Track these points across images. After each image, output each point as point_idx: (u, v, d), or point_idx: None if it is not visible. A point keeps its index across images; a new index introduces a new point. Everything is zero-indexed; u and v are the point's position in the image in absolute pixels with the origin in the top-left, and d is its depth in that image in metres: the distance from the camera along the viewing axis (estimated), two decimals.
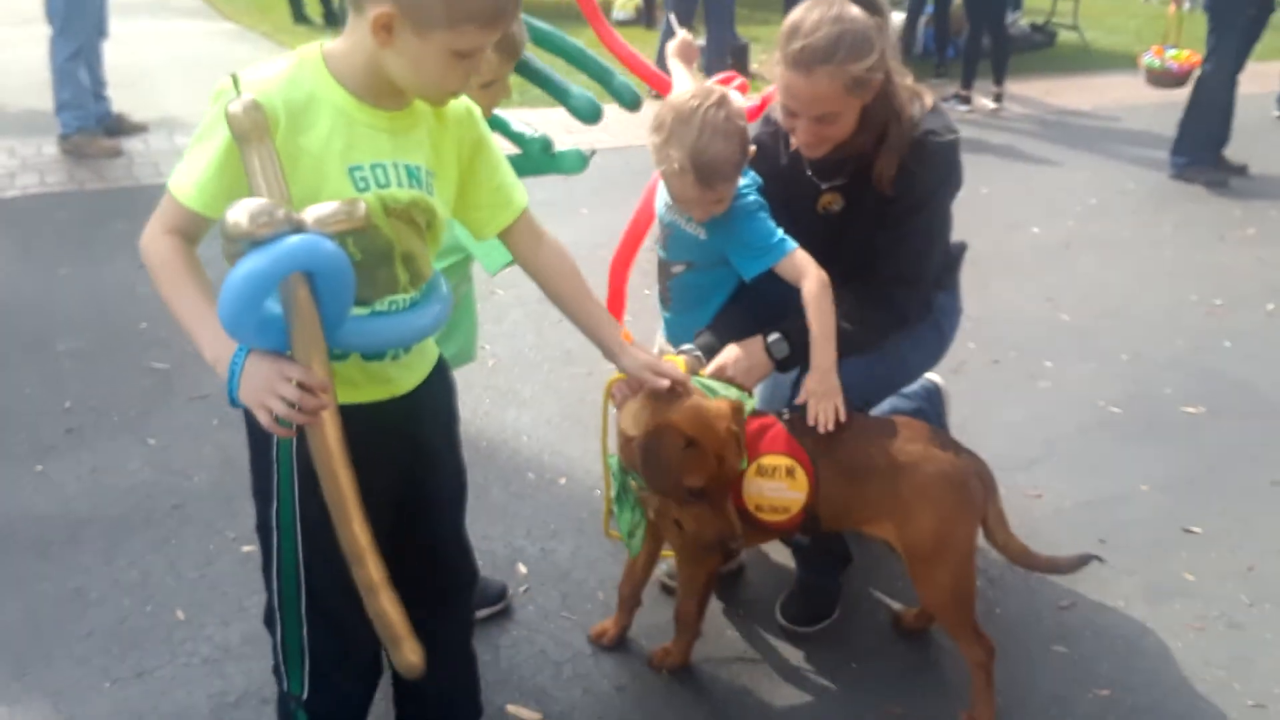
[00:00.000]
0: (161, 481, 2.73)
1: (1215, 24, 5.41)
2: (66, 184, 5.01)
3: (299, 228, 1.23)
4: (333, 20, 9.70)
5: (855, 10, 1.98)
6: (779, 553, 2.49)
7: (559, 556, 2.49)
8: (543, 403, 3.19)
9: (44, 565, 2.40)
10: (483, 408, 3.14)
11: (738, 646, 2.23)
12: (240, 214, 1.20)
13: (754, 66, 6.41)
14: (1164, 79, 5.52)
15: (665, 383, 1.76)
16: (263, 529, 1.56)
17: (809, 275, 2.04)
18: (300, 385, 1.26)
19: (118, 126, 5.73)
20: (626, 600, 2.20)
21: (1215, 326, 3.86)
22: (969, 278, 2.39)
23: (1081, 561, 2.07)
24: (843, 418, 1.98)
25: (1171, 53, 5.42)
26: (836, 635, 2.26)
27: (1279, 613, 2.36)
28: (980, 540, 2.03)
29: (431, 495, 1.67)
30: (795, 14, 2.00)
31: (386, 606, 1.37)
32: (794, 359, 2.10)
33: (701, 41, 6.53)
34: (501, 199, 1.60)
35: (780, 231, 2.09)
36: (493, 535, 2.54)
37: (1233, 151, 5.73)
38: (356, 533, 1.33)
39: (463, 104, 1.52)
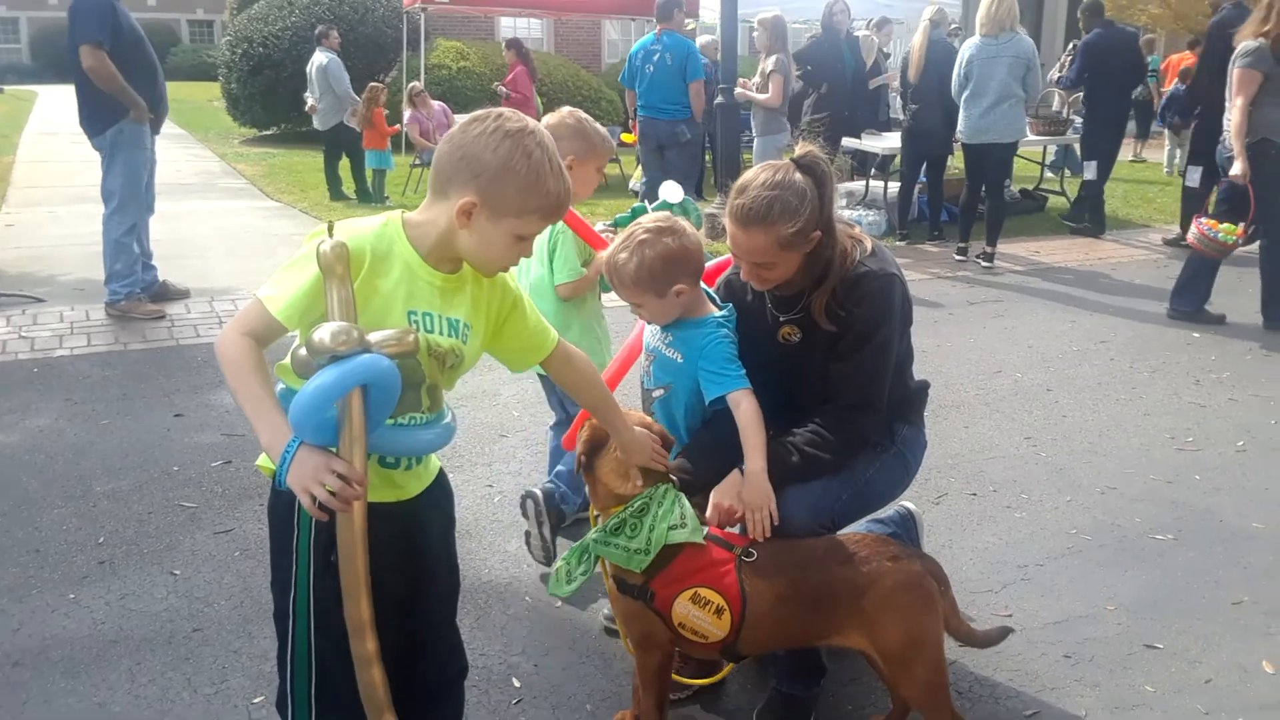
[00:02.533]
0: (184, 607, 2.93)
1: (1262, 196, 5.53)
2: (112, 345, 5.40)
3: (368, 347, 1.51)
4: (365, 198, 10.44)
5: (798, 176, 2.26)
6: (758, 663, 2.63)
7: (551, 672, 2.64)
8: None
9: (71, 682, 2.59)
10: (487, 538, 3.34)
11: None
12: (324, 333, 1.49)
13: None
14: (1224, 250, 5.74)
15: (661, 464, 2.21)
16: (280, 617, 1.78)
17: (743, 408, 2.31)
18: (342, 477, 1.51)
19: (163, 293, 6.20)
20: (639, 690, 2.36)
21: (1187, 461, 4.04)
22: (953, 418, 2.61)
23: (1002, 634, 2.29)
24: (775, 522, 2.19)
25: (1224, 226, 5.66)
26: None
27: None
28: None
29: (426, 589, 1.88)
30: (747, 174, 2.31)
31: (376, 678, 1.58)
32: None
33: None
34: (535, 343, 1.95)
35: (742, 371, 2.36)
36: (490, 653, 2.70)
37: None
38: (363, 608, 1.55)
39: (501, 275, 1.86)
